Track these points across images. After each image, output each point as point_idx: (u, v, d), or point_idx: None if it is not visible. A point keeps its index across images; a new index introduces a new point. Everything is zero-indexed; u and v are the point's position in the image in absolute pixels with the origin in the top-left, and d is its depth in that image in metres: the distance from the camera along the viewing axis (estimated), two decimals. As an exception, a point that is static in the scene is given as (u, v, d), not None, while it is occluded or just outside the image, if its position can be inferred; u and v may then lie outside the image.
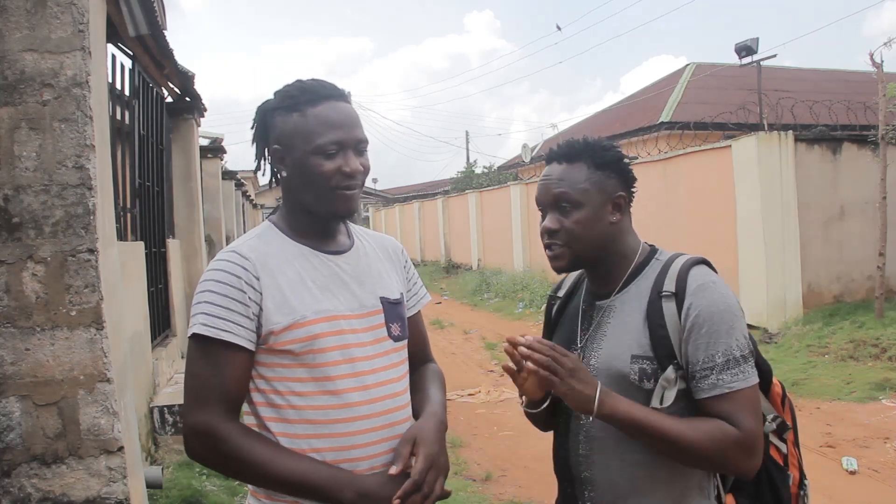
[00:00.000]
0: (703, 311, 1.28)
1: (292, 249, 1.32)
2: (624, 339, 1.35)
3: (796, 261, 8.23)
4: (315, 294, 1.29)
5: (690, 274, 1.32)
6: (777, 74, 14.38)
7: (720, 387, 1.26)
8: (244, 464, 1.21)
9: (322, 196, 1.31)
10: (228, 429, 1.21)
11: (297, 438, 1.25)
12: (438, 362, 1.67)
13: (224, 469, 1.26)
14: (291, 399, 1.26)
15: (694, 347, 1.28)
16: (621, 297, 1.40)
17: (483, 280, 15.49)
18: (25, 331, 2.11)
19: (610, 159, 1.40)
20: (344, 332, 1.29)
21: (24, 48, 2.10)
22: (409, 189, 35.69)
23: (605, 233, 1.39)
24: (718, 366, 1.26)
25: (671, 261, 1.38)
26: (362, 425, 1.27)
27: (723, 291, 1.31)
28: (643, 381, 1.30)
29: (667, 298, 1.32)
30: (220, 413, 1.21)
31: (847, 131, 9.38)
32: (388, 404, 1.32)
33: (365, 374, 1.30)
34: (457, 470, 4.65)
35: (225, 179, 12.55)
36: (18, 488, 2.12)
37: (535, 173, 17.31)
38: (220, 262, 1.27)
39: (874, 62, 7.95)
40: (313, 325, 1.26)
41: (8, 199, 2.11)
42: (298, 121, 1.30)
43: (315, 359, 1.26)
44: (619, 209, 1.40)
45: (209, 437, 1.20)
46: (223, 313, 1.22)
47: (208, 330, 1.21)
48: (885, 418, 5.34)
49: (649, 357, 1.31)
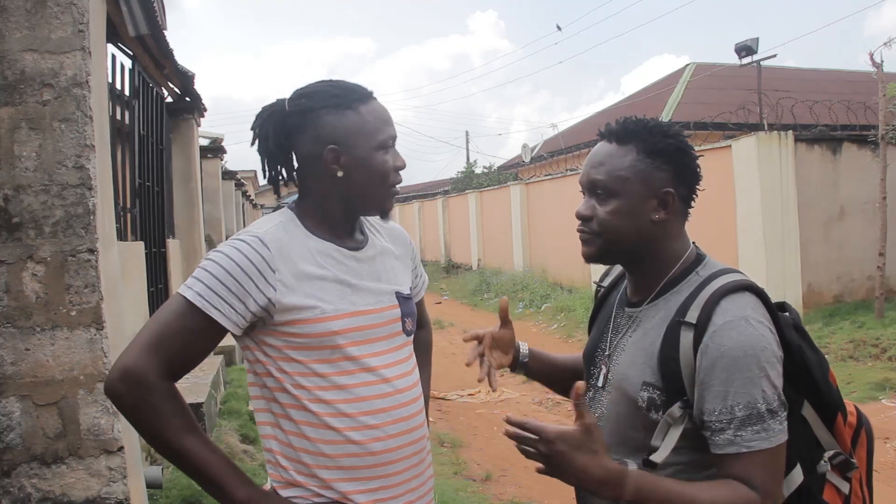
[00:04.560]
0: (725, 355, 1.09)
1: (316, 245, 1.30)
2: (639, 360, 1.21)
3: (796, 261, 8.23)
4: (336, 290, 1.29)
5: (720, 305, 1.12)
6: (777, 74, 14.37)
7: (737, 444, 1.08)
8: (158, 425, 1.18)
9: (380, 193, 1.32)
10: (162, 385, 1.18)
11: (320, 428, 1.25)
12: (438, 362, 1.68)
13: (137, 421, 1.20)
14: (317, 393, 1.25)
15: (710, 395, 1.10)
16: (648, 310, 1.24)
17: (483, 280, 15.48)
18: (25, 331, 2.11)
19: (665, 147, 1.22)
20: (364, 328, 1.29)
21: (24, 48, 2.10)
22: (409, 189, 35.67)
23: (644, 231, 1.22)
24: (738, 420, 1.08)
25: (709, 280, 1.18)
26: (381, 418, 1.28)
27: (754, 332, 1.10)
28: (651, 410, 1.17)
29: (686, 328, 1.13)
30: (162, 367, 1.18)
31: (847, 131, 9.39)
32: (403, 397, 1.32)
33: (382, 369, 1.30)
34: (457, 470, 4.65)
35: (225, 179, 12.55)
36: (18, 488, 2.12)
37: (535, 173, 17.31)
38: (239, 243, 1.24)
39: (874, 62, 7.95)
40: (335, 321, 1.26)
41: (8, 199, 2.11)
42: (356, 118, 1.28)
43: (334, 354, 1.26)
44: (665, 206, 1.21)
45: (140, 385, 1.16)
46: (222, 291, 1.20)
47: (201, 301, 1.19)
48: (885, 418, 5.34)
49: (659, 387, 1.16)
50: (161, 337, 1.19)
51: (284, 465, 1.28)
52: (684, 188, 1.24)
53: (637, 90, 19.14)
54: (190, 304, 1.19)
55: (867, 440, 1.28)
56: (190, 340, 1.21)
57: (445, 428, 5.72)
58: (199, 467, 1.19)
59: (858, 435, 1.27)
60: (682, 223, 1.26)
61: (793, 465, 1.18)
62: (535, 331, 10.60)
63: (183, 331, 1.19)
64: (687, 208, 1.26)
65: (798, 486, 1.18)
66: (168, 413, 1.18)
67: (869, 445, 1.28)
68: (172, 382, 1.21)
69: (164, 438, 1.19)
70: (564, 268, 12.55)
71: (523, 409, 6.19)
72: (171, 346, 1.19)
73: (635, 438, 1.20)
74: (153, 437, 1.20)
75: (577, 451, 1.07)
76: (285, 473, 1.28)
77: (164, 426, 1.18)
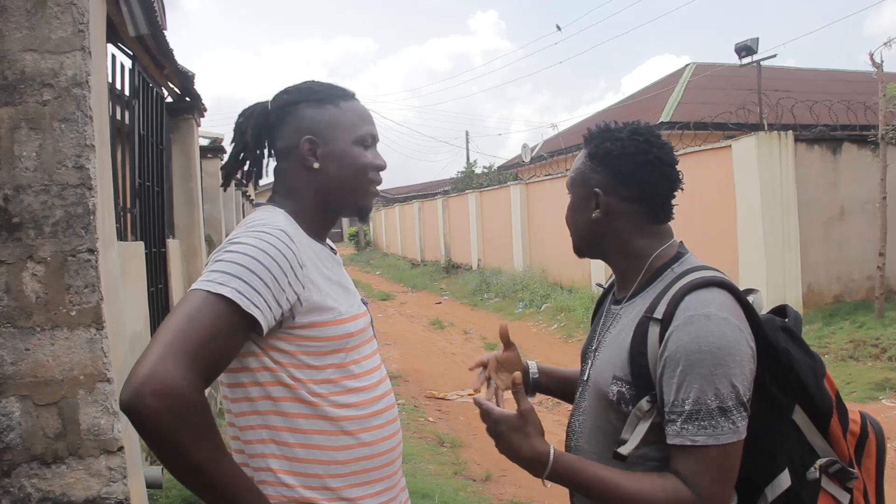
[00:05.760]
0: (684, 348, 1.11)
1: (314, 246, 1.29)
2: (612, 356, 1.26)
3: (796, 261, 8.23)
4: (341, 293, 1.29)
5: (684, 301, 1.15)
6: (777, 74, 14.38)
7: (683, 436, 1.10)
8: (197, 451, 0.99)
9: (357, 188, 1.31)
10: (202, 402, 1.00)
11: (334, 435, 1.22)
12: (438, 362, 1.72)
13: (177, 446, 0.99)
14: (333, 398, 1.22)
15: (668, 386, 1.12)
16: (627, 307, 1.30)
17: (483, 280, 15.47)
18: (25, 331, 2.11)
19: (598, 152, 1.29)
20: (361, 331, 1.30)
21: (24, 48, 2.10)
22: (409, 189, 35.69)
23: (589, 228, 1.32)
24: (686, 413, 1.10)
25: (681, 276, 1.21)
26: (384, 418, 1.29)
27: (715, 328, 1.10)
28: (621, 404, 1.21)
29: (654, 323, 1.17)
30: (202, 379, 1.01)
31: (847, 131, 9.40)
32: (392, 398, 1.35)
33: (376, 370, 1.32)
34: (457, 470, 4.65)
35: (225, 179, 12.53)
36: (18, 488, 2.12)
37: (535, 173, 17.31)
38: (267, 236, 1.14)
39: (874, 62, 7.95)
40: (349, 323, 1.26)
41: (8, 199, 2.11)
42: (336, 112, 1.30)
43: (347, 357, 1.25)
44: (598, 206, 1.29)
45: (180, 400, 0.96)
46: (260, 286, 1.08)
47: (240, 298, 1.05)
48: (885, 418, 5.34)
49: (629, 381, 1.19)
50: (200, 343, 1.01)
51: (289, 483, 1.18)
52: (626, 189, 1.27)
53: (637, 90, 19.15)
54: (228, 302, 1.05)
55: (877, 451, 1.24)
56: (227, 345, 1.07)
57: (445, 428, 5.72)
58: (234, 496, 1.04)
59: (864, 445, 1.23)
60: (637, 222, 1.29)
61: (780, 470, 1.18)
62: (534, 331, 10.60)
63: (221, 334, 1.04)
64: (643, 208, 1.28)
65: (785, 490, 1.17)
66: (205, 435, 1.01)
67: (879, 456, 1.24)
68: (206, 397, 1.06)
69: (198, 464, 1.00)
70: (564, 268, 12.55)
71: (523, 409, 6.18)
72: (210, 354, 1.03)
73: (609, 431, 1.25)
74: (185, 463, 1.00)
75: (512, 432, 1.20)
76: (290, 492, 1.18)
77: (201, 450, 1.00)
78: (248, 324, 1.08)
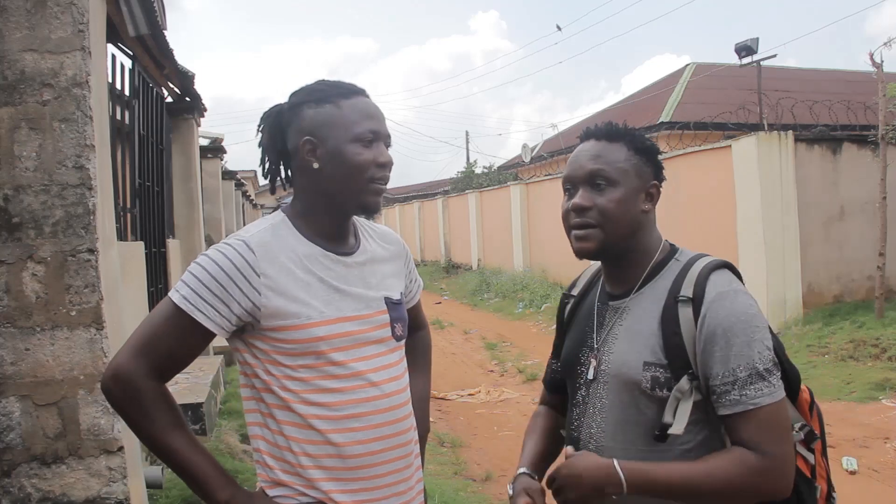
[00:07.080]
0: (723, 322, 1.20)
1: (304, 249, 1.31)
2: (636, 344, 1.28)
3: (796, 261, 8.23)
4: (323, 295, 1.29)
5: (710, 280, 1.24)
6: (777, 74, 14.38)
7: (744, 403, 1.17)
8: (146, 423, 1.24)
9: (356, 187, 1.31)
10: (150, 385, 1.23)
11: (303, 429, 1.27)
12: (438, 362, 1.69)
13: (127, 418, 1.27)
14: (303, 395, 1.26)
15: (713, 361, 1.20)
16: (636, 298, 1.33)
17: (483, 280, 15.48)
18: (25, 331, 2.11)
19: (649, 147, 1.35)
20: (350, 334, 1.29)
21: (24, 48, 2.10)
22: (409, 189, 35.68)
23: (636, 220, 1.31)
24: (741, 380, 1.18)
25: (692, 262, 1.30)
26: (365, 422, 1.29)
27: (744, 301, 1.22)
28: (655, 389, 1.23)
29: (683, 304, 1.24)
30: (150, 369, 1.23)
31: (847, 131, 9.40)
32: (390, 402, 1.33)
33: (369, 373, 1.31)
34: (457, 470, 4.65)
35: (225, 179, 12.55)
36: (18, 488, 2.12)
37: (535, 173, 17.31)
38: (225, 248, 1.27)
39: (874, 62, 7.95)
40: (320, 327, 1.26)
41: (8, 199, 2.11)
42: (333, 111, 1.30)
43: (318, 360, 1.26)
44: (650, 199, 1.33)
45: (129, 385, 1.22)
46: (206, 294, 1.23)
47: (185, 304, 1.23)
48: (885, 418, 5.34)
49: (663, 365, 1.23)
50: (150, 339, 1.24)
51: (270, 465, 1.30)
52: (661, 183, 1.36)
53: (637, 90, 19.15)
54: (176, 307, 1.23)
55: (818, 415, 1.39)
56: (177, 342, 1.25)
57: (445, 428, 5.72)
58: (184, 466, 1.23)
59: (813, 408, 1.37)
60: (655, 216, 1.38)
61: None
62: (535, 331, 10.60)
63: (170, 333, 1.24)
64: None
65: None
66: (155, 412, 1.23)
67: (820, 419, 1.39)
68: (161, 382, 1.26)
69: (151, 436, 1.24)
70: (564, 268, 12.54)
71: (523, 408, 6.18)
72: (158, 348, 1.24)
73: (640, 422, 1.26)
74: (141, 435, 1.26)
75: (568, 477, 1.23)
76: (271, 473, 1.30)
77: (150, 424, 1.23)
78: (198, 326, 1.23)
